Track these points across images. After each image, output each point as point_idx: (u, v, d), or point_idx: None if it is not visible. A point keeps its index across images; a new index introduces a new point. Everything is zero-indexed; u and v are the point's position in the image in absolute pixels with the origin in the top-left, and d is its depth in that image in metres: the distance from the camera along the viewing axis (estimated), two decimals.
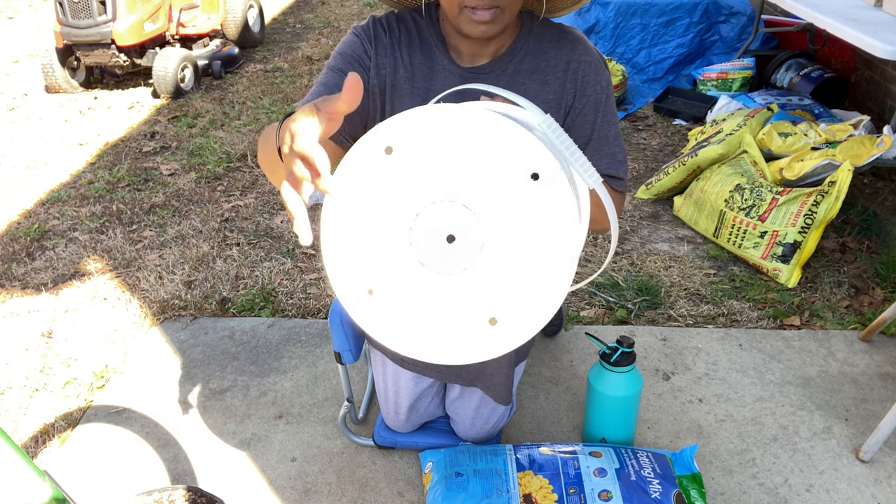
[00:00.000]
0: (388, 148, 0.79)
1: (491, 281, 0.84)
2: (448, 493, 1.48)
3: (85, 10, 4.19)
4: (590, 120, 1.35)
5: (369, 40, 1.30)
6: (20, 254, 2.77)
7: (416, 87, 1.30)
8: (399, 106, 1.30)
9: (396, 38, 1.30)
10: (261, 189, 3.19)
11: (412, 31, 1.31)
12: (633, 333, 2.15)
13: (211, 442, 1.82)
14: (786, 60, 3.80)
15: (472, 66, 1.30)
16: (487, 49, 1.28)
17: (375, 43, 1.30)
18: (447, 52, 1.30)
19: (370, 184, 0.82)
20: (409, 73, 1.30)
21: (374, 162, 0.80)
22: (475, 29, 1.17)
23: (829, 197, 2.30)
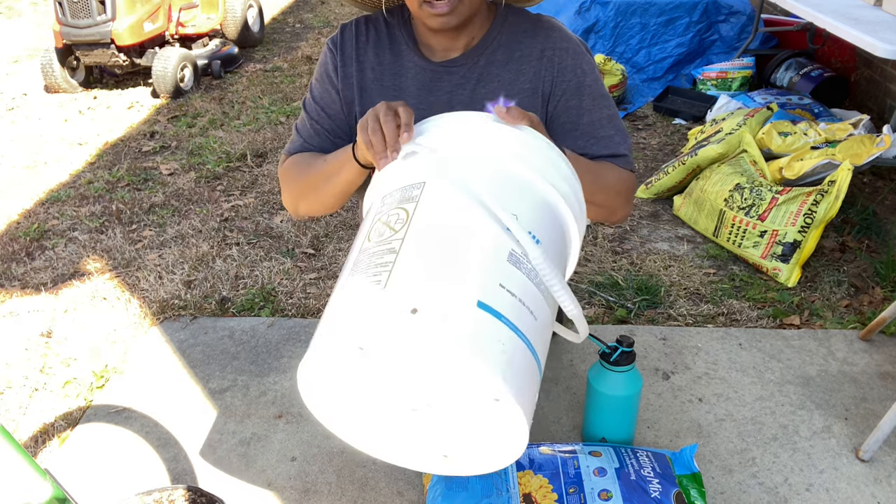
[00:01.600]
0: (360, 349, 0.85)
1: (446, 440, 0.97)
2: (448, 493, 1.48)
3: (84, 10, 4.19)
4: (573, 105, 1.34)
5: (335, 53, 1.34)
6: (20, 254, 2.77)
7: (384, 85, 1.31)
8: (369, 106, 1.31)
9: (363, 40, 1.33)
10: (260, 189, 3.19)
11: (381, 32, 1.33)
12: (633, 333, 2.15)
13: (211, 442, 1.82)
14: (785, 60, 3.80)
15: (444, 61, 1.30)
16: (458, 42, 1.29)
17: (341, 54, 1.33)
18: (417, 49, 1.31)
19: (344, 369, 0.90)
20: (376, 73, 1.31)
21: (348, 355, 0.87)
22: (436, 21, 1.19)
23: (828, 196, 2.30)
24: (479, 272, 0.86)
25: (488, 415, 0.87)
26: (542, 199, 0.99)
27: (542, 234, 0.96)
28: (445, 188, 0.93)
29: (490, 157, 0.99)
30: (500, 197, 0.94)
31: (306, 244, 2.72)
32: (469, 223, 0.90)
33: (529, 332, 0.88)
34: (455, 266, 0.86)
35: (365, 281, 0.86)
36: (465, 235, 0.89)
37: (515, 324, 0.86)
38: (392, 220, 0.92)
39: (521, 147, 1.01)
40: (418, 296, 0.83)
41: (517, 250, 0.90)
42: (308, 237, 2.76)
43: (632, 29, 4.09)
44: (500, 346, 0.83)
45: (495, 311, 0.85)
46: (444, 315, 0.81)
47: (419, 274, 0.85)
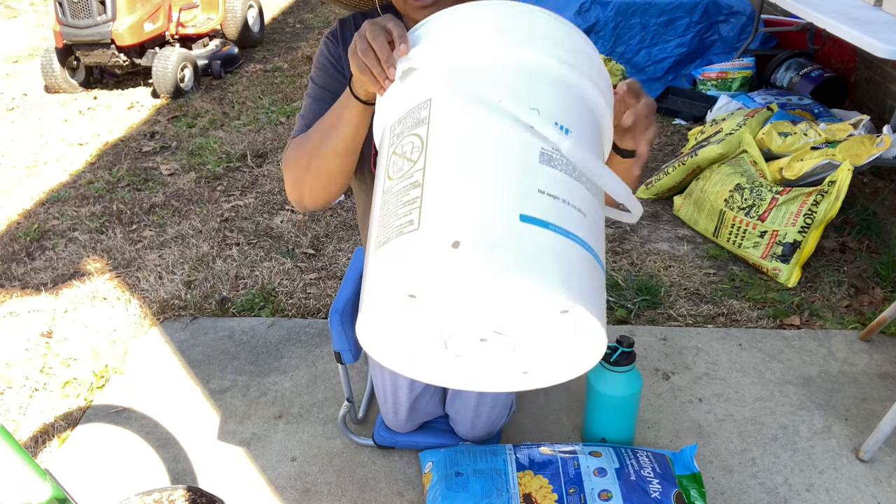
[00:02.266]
0: (411, 296, 0.80)
1: (523, 358, 0.91)
2: (448, 493, 1.48)
3: (84, 10, 4.19)
4: None
5: (336, 44, 1.33)
6: (20, 254, 2.77)
7: None
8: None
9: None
10: (260, 189, 3.19)
11: None
12: (633, 333, 2.15)
13: (211, 442, 1.82)
14: (785, 60, 3.80)
15: None
16: None
17: (343, 44, 1.33)
18: None
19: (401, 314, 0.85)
20: None
21: (400, 304, 0.82)
22: (420, 14, 1.19)
23: (828, 196, 2.30)
24: (513, 183, 0.80)
25: (562, 326, 0.83)
26: (562, 83, 0.91)
27: (571, 121, 0.88)
28: (453, 100, 0.86)
29: (493, 50, 0.90)
30: (515, 92, 0.86)
31: (306, 244, 2.72)
32: (488, 132, 0.84)
33: (581, 231, 0.83)
34: (486, 183, 0.80)
35: (397, 224, 0.82)
36: (487, 147, 0.83)
37: (565, 227, 0.81)
38: (407, 149, 0.87)
39: (527, 29, 0.92)
40: (455, 228, 0.77)
41: (547, 147, 0.84)
42: (308, 237, 2.76)
43: (632, 29, 4.09)
44: (554, 256, 0.78)
45: (540, 220, 0.79)
46: (488, 242, 0.76)
47: (450, 203, 0.79)
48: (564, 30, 0.96)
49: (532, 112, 0.85)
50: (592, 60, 0.97)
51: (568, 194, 0.83)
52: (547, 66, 0.91)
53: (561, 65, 0.91)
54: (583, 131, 0.90)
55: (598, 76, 0.97)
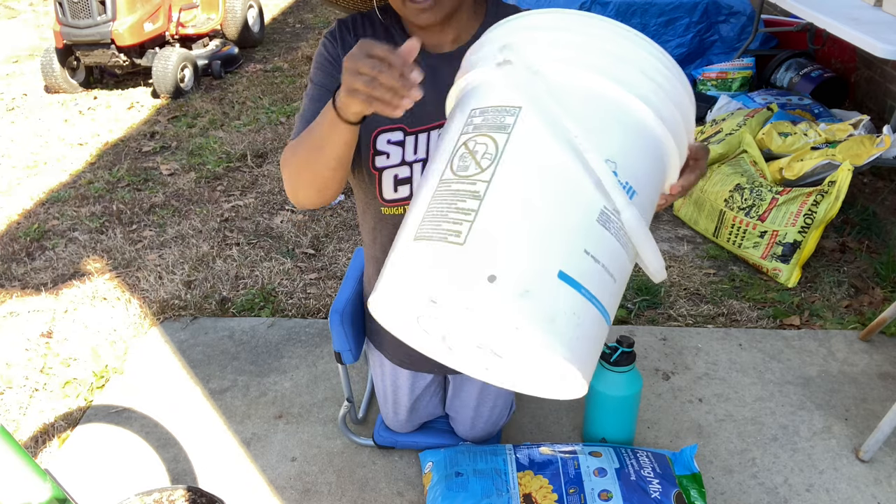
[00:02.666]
0: (431, 301, 0.84)
1: (509, 368, 0.96)
2: (448, 493, 1.48)
3: (84, 10, 4.19)
4: None
5: (335, 43, 1.33)
6: (20, 254, 2.77)
7: None
8: None
9: (361, 34, 1.33)
10: (261, 189, 3.19)
11: (377, 27, 1.34)
12: (633, 333, 2.15)
13: (211, 442, 1.82)
14: (786, 60, 3.79)
15: (439, 54, 1.30)
16: (446, 37, 1.29)
17: (342, 43, 1.32)
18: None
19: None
20: None
21: (419, 302, 0.87)
22: (420, 17, 1.19)
23: (828, 196, 2.30)
24: (565, 238, 0.82)
25: (551, 369, 0.87)
26: (649, 139, 0.89)
27: (640, 182, 0.88)
28: (540, 126, 0.85)
29: (594, 78, 0.87)
30: (599, 137, 0.85)
31: (306, 244, 2.72)
32: (560, 176, 0.84)
33: (606, 297, 0.86)
34: (540, 230, 0.81)
35: (444, 227, 0.83)
36: (555, 192, 0.83)
37: (593, 292, 0.83)
38: (480, 149, 0.87)
39: (635, 64, 0.89)
40: (498, 262, 0.79)
41: (609, 208, 0.84)
42: (308, 237, 2.76)
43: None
44: (574, 319, 0.81)
45: (576, 282, 0.82)
46: (523, 290, 0.79)
47: (501, 235, 0.81)
48: (670, 74, 0.93)
49: (608, 165, 0.84)
50: (686, 113, 0.95)
51: (609, 259, 0.85)
52: (642, 118, 0.89)
53: (656, 120, 0.89)
54: (647, 192, 0.90)
55: (685, 133, 0.95)
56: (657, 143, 0.91)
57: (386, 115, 0.94)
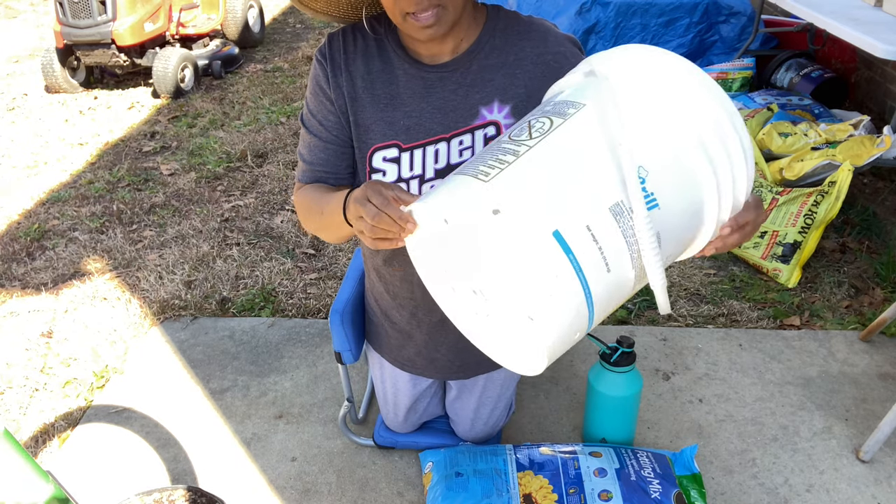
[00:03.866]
0: (444, 221, 0.95)
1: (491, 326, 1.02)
2: (448, 493, 1.48)
3: (85, 10, 4.19)
4: None
5: (324, 64, 1.32)
6: (20, 254, 2.77)
7: (376, 94, 1.29)
8: (362, 115, 1.30)
9: (351, 50, 1.30)
10: (261, 189, 3.19)
11: (369, 40, 1.30)
12: (633, 333, 2.15)
13: (211, 442, 1.82)
14: (786, 60, 3.79)
15: (435, 65, 1.28)
16: (445, 46, 1.26)
17: (331, 64, 1.31)
18: (407, 55, 1.29)
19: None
20: (366, 81, 1.29)
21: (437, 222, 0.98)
22: (423, 33, 1.17)
23: (829, 197, 2.30)
24: (571, 206, 0.89)
25: (521, 334, 0.93)
26: (692, 174, 0.95)
27: (668, 199, 0.93)
28: (594, 122, 0.94)
29: (661, 110, 0.95)
30: (646, 149, 0.92)
31: (306, 244, 2.72)
32: (593, 160, 0.92)
33: (594, 281, 0.90)
34: (553, 191, 0.89)
35: (480, 168, 0.94)
36: (581, 169, 0.91)
37: (582, 266, 0.89)
38: (536, 125, 0.97)
39: (702, 114, 0.95)
40: (506, 201, 0.88)
41: (625, 204, 0.91)
42: (308, 237, 2.76)
43: (632, 30, 4.08)
44: (552, 278, 0.87)
45: (567, 245, 0.88)
46: (516, 227, 0.87)
47: (519, 184, 0.90)
48: (748, 149, 0.98)
49: (636, 172, 0.91)
50: (739, 178, 0.98)
51: (608, 246, 0.90)
52: (696, 158, 0.94)
53: (708, 168, 0.94)
54: (671, 215, 0.94)
55: (730, 196, 0.98)
56: (695, 180, 0.95)
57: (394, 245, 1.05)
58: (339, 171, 1.35)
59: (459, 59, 1.27)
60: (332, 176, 1.35)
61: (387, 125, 1.28)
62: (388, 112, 1.28)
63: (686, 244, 1.01)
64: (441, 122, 1.27)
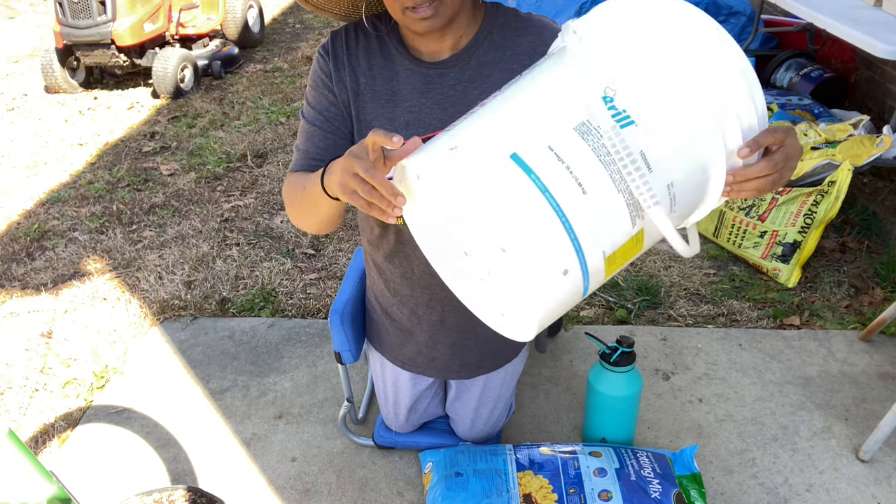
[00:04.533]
0: (416, 177, 0.91)
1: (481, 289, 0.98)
2: (448, 493, 1.48)
3: (84, 11, 4.19)
4: None
5: (327, 59, 1.33)
6: (20, 254, 2.77)
7: (377, 90, 1.30)
8: (363, 111, 1.31)
9: (353, 47, 1.32)
10: (261, 189, 3.19)
11: (370, 38, 1.32)
12: (633, 333, 2.15)
13: (211, 442, 1.82)
14: (785, 60, 3.79)
15: (435, 62, 1.30)
16: (445, 43, 1.28)
17: (333, 59, 1.32)
18: (408, 52, 1.30)
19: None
20: (368, 78, 1.30)
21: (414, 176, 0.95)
22: (421, 26, 1.18)
23: (828, 197, 2.30)
24: (529, 129, 0.85)
25: (511, 286, 0.86)
26: (671, 86, 0.86)
27: (651, 119, 0.85)
28: (557, 63, 0.90)
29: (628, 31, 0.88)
30: (611, 67, 0.86)
31: (306, 244, 2.72)
32: (553, 89, 0.87)
33: (567, 204, 0.83)
34: (509, 119, 0.86)
35: (455, 126, 0.92)
36: (540, 97, 0.87)
37: (548, 187, 0.83)
38: (514, 81, 0.95)
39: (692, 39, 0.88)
40: (463, 136, 0.87)
41: (592, 123, 0.84)
42: (308, 237, 2.76)
43: None
44: (518, 201, 0.82)
45: (527, 166, 0.83)
46: (473, 157, 0.84)
47: (476, 121, 0.88)
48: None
49: (606, 91, 0.85)
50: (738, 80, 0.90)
51: (578, 166, 0.84)
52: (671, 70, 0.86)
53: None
54: (657, 132, 0.86)
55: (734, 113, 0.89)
56: (676, 91, 0.87)
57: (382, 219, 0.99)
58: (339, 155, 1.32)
59: (458, 56, 1.28)
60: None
61: (387, 121, 1.29)
62: (388, 108, 1.29)
63: (694, 174, 0.89)
64: (440, 118, 1.28)
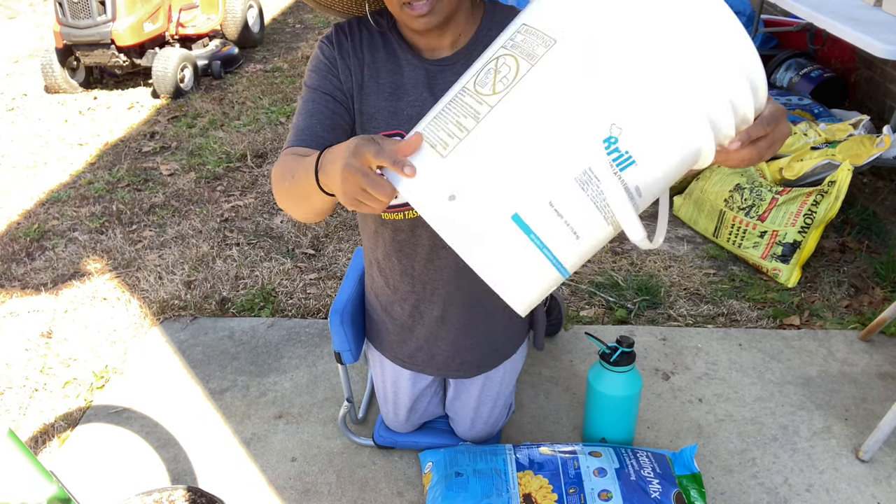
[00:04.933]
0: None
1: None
2: (448, 493, 1.48)
3: (84, 11, 4.19)
4: None
5: (332, 47, 1.31)
6: (20, 254, 2.77)
7: (380, 83, 1.30)
8: (367, 104, 1.31)
9: (358, 40, 1.32)
10: (260, 189, 3.19)
11: (374, 32, 1.32)
12: (633, 333, 2.15)
13: (211, 442, 1.82)
14: (785, 60, 3.80)
15: (438, 59, 1.30)
16: (444, 41, 1.28)
17: (339, 48, 1.31)
18: (409, 47, 1.30)
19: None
20: (372, 71, 1.30)
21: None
22: (418, 23, 1.18)
23: (828, 196, 2.30)
24: (531, 184, 0.84)
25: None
26: (677, 116, 0.84)
27: (648, 151, 0.84)
28: (562, 69, 0.84)
29: (644, 44, 0.83)
30: (621, 99, 0.83)
31: (306, 244, 2.72)
32: (558, 123, 0.84)
33: (561, 250, 0.88)
34: (511, 170, 0.84)
35: (440, 135, 0.88)
36: (541, 139, 0.84)
37: (546, 243, 0.86)
38: (503, 71, 0.88)
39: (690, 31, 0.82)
40: (463, 185, 0.84)
41: (594, 172, 0.84)
42: (308, 237, 2.76)
43: None
44: (515, 260, 0.86)
45: (527, 227, 0.85)
46: (473, 215, 0.84)
47: (477, 162, 0.85)
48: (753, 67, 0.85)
49: (613, 130, 0.83)
50: (744, 90, 0.86)
51: (575, 218, 0.86)
52: (679, 89, 0.83)
53: (692, 98, 0.83)
54: (653, 164, 0.86)
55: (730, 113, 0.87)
56: (681, 121, 0.85)
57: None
58: (335, 139, 1.26)
59: (459, 53, 1.29)
60: (324, 142, 1.25)
61: (390, 115, 1.29)
62: (391, 102, 1.29)
63: (677, 176, 0.91)
64: None
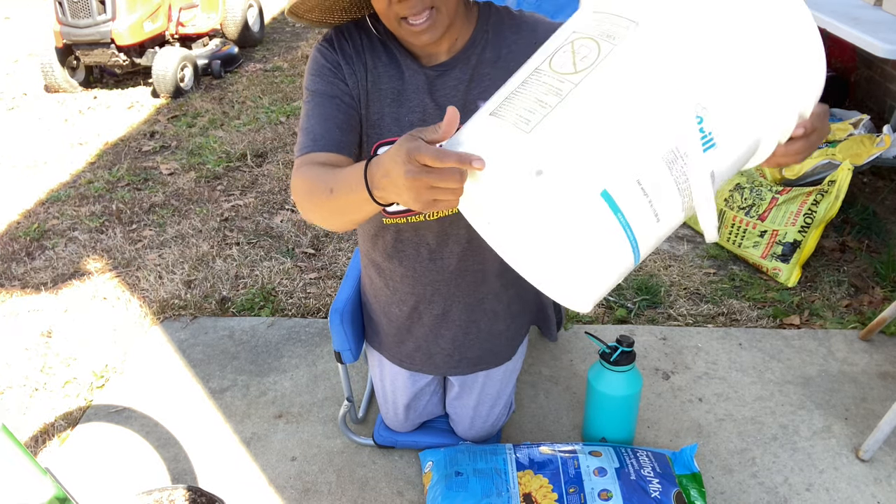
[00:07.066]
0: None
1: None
2: (448, 493, 1.48)
3: (84, 10, 4.19)
4: None
5: (334, 51, 1.29)
6: (20, 253, 2.77)
7: (382, 89, 1.29)
8: (372, 110, 1.30)
9: (359, 44, 1.30)
10: (260, 188, 3.19)
11: (373, 37, 1.31)
12: (633, 333, 2.15)
13: (211, 442, 1.82)
14: None
15: (434, 65, 1.29)
16: (441, 46, 1.28)
17: (341, 52, 1.29)
18: (408, 53, 1.30)
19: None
20: (374, 76, 1.30)
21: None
22: (419, 39, 1.17)
23: (828, 196, 2.30)
24: (621, 160, 0.82)
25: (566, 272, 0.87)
26: (755, 100, 0.86)
27: (728, 135, 0.86)
28: (645, 51, 0.84)
29: (728, 28, 0.84)
30: (707, 79, 0.83)
31: (306, 244, 2.72)
32: (645, 104, 0.83)
33: (641, 232, 0.85)
34: (601, 146, 0.82)
35: (519, 113, 0.85)
36: (632, 114, 0.83)
37: (630, 224, 0.84)
38: (581, 52, 0.87)
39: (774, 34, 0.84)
40: (551, 159, 0.81)
41: (680, 151, 0.83)
42: (308, 237, 2.76)
43: None
44: (598, 240, 0.83)
45: (615, 205, 0.82)
46: (562, 191, 0.80)
47: (564, 137, 0.82)
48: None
49: (698, 109, 0.83)
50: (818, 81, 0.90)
51: (659, 199, 0.84)
52: (762, 75, 0.85)
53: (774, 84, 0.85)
54: (729, 150, 0.87)
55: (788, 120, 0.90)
56: (758, 105, 0.87)
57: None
58: (352, 142, 1.26)
59: (456, 58, 1.29)
60: (344, 146, 1.24)
61: (393, 121, 1.29)
62: (394, 108, 1.29)
63: (737, 170, 0.94)
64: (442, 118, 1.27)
